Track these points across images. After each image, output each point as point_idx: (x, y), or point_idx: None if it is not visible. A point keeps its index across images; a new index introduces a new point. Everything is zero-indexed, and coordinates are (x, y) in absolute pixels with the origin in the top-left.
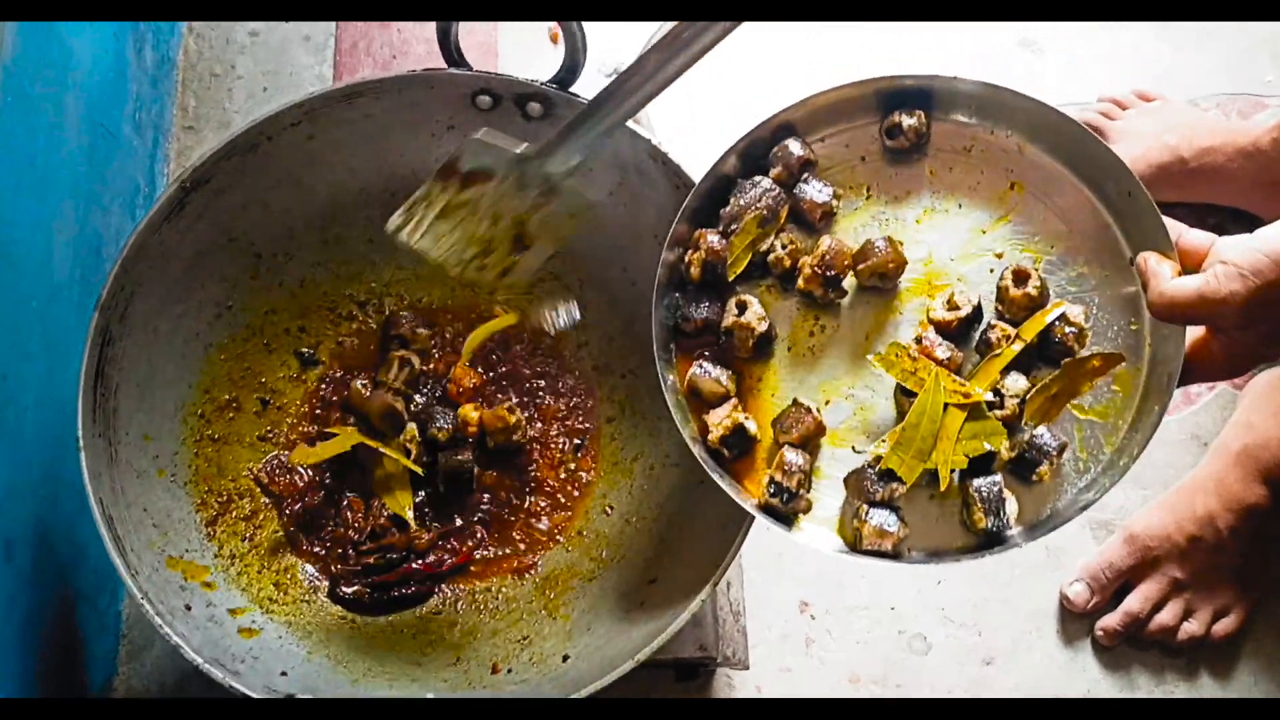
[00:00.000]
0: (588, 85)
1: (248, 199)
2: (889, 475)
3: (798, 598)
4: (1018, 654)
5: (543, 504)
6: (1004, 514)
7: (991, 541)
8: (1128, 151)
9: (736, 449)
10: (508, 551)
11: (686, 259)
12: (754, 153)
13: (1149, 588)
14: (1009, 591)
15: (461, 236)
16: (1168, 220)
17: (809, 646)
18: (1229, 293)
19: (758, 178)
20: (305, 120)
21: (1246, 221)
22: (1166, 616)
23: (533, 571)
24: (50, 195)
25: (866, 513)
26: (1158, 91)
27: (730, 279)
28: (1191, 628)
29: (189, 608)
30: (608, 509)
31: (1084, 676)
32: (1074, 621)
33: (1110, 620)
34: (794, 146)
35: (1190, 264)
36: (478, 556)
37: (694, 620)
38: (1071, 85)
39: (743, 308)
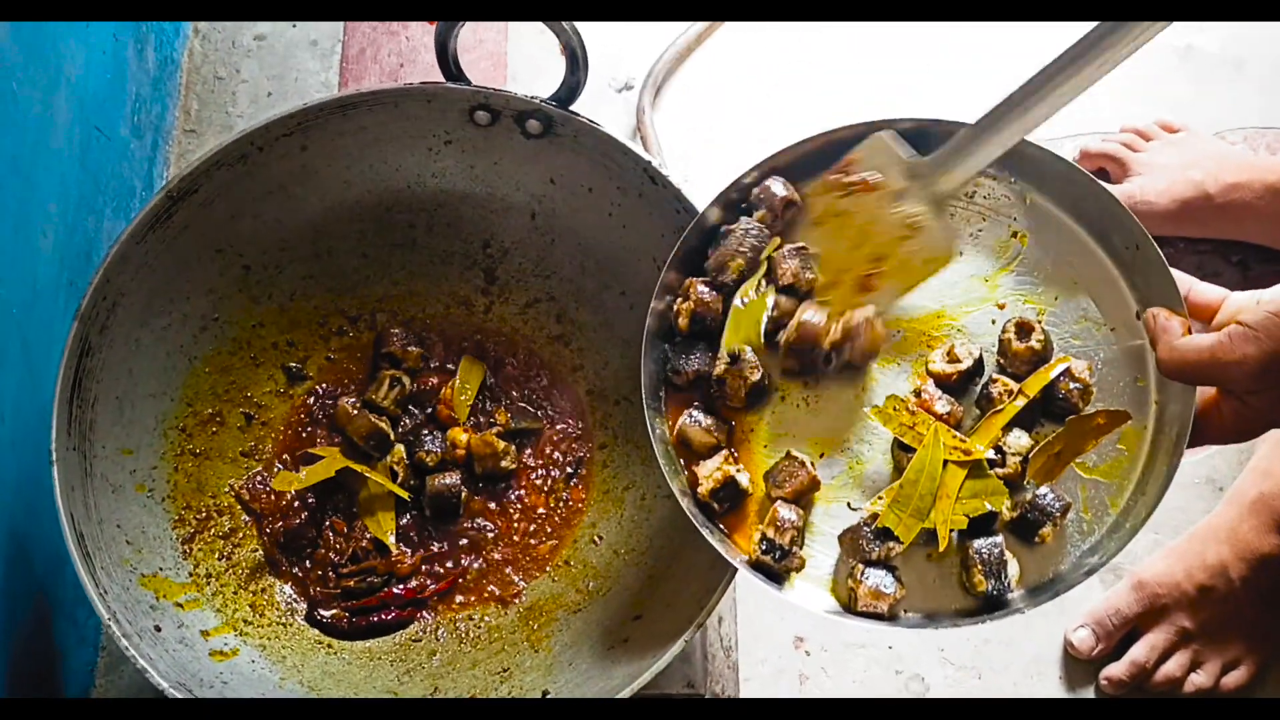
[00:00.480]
0: (591, 102)
1: (237, 210)
2: (885, 534)
3: (793, 633)
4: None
5: (530, 531)
6: (1005, 577)
7: (992, 605)
8: (1151, 185)
9: (727, 502)
10: (492, 579)
11: (675, 308)
12: (744, 198)
13: (1156, 637)
14: (1011, 634)
15: (818, 256)
16: (1177, 274)
17: (803, 684)
18: (1241, 355)
19: (743, 219)
20: (298, 131)
21: (1274, 259)
22: (1173, 667)
23: (517, 601)
24: (34, 197)
25: (862, 573)
26: (1182, 123)
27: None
28: (1199, 680)
29: (159, 629)
30: (596, 539)
31: None
32: (1077, 668)
33: (1115, 669)
34: (776, 187)
35: (1201, 318)
36: (461, 583)
37: (682, 655)
38: (1093, 114)
39: (735, 357)
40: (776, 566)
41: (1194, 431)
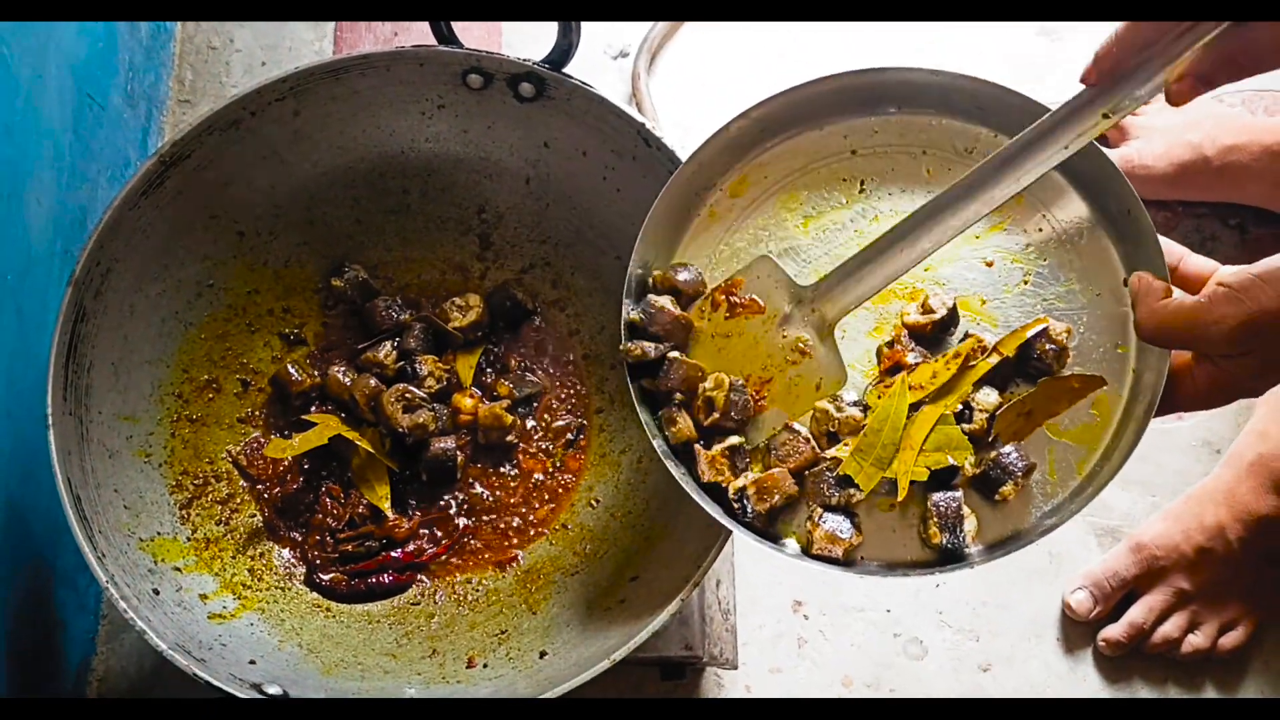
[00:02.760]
0: (586, 69)
1: (230, 175)
2: (847, 480)
3: (791, 597)
4: (1016, 661)
5: (528, 496)
6: (961, 531)
7: (946, 558)
8: (1148, 149)
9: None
10: (490, 543)
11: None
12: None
13: (1154, 598)
14: (1009, 597)
15: (699, 378)
16: (1169, 244)
17: (801, 647)
18: (1221, 315)
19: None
20: (290, 95)
21: (1271, 222)
22: (1171, 628)
23: (514, 564)
24: (26, 164)
25: (820, 516)
26: None
27: None
28: (1196, 640)
29: (157, 592)
30: (593, 502)
31: (1084, 687)
32: (1075, 630)
33: (1113, 630)
34: (665, 304)
35: (1189, 290)
36: (458, 547)
37: (680, 618)
38: None
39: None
40: (743, 520)
41: (1164, 397)
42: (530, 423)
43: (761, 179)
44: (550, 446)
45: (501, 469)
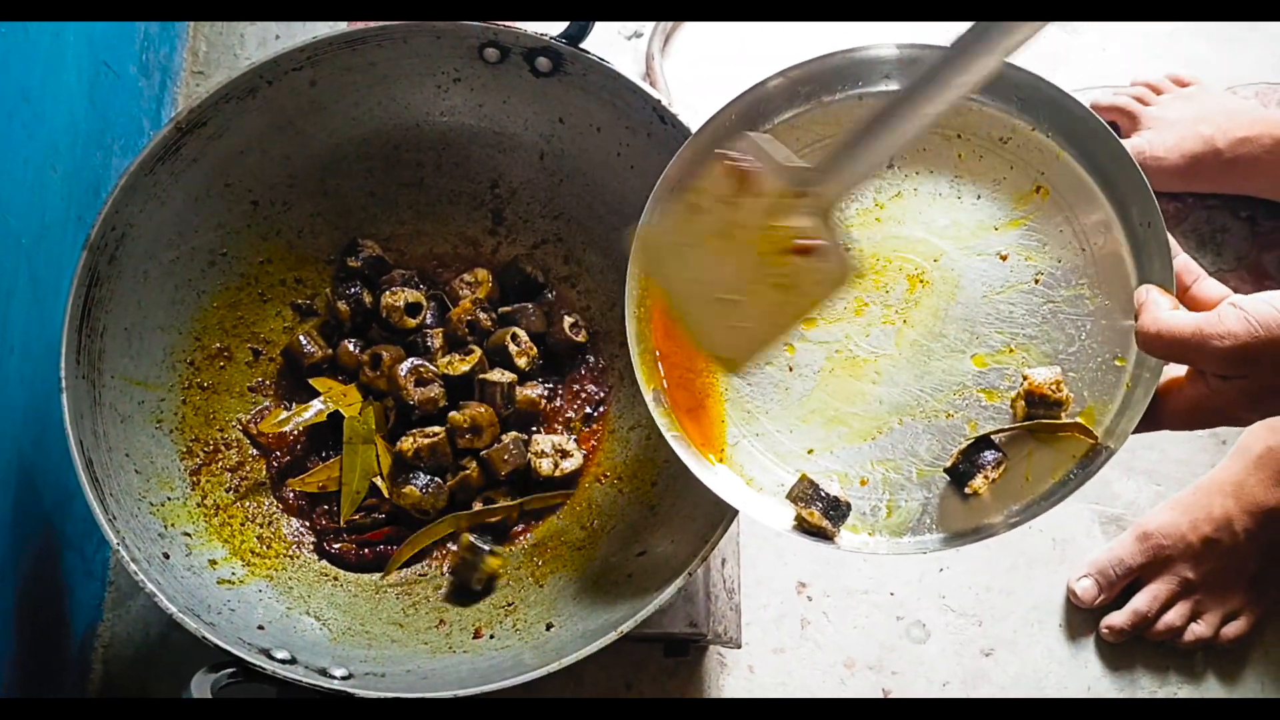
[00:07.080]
0: (600, 49)
1: (246, 144)
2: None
3: (795, 578)
4: (1018, 646)
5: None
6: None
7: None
8: (1160, 140)
9: None
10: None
11: None
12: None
13: (1159, 587)
14: (1012, 582)
15: (707, 272)
16: (1189, 261)
17: (804, 628)
18: (1226, 332)
19: None
20: (307, 65)
21: None
22: (1174, 617)
23: (523, 537)
24: (44, 129)
25: None
26: (1193, 76)
27: None
28: (1199, 629)
29: (167, 556)
30: (601, 477)
31: (1085, 673)
32: (1078, 616)
33: (1117, 618)
34: None
35: (1197, 310)
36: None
37: (684, 595)
38: (1104, 68)
39: None
40: None
41: (1149, 414)
42: (551, 400)
43: (791, 142)
44: (570, 424)
45: None
